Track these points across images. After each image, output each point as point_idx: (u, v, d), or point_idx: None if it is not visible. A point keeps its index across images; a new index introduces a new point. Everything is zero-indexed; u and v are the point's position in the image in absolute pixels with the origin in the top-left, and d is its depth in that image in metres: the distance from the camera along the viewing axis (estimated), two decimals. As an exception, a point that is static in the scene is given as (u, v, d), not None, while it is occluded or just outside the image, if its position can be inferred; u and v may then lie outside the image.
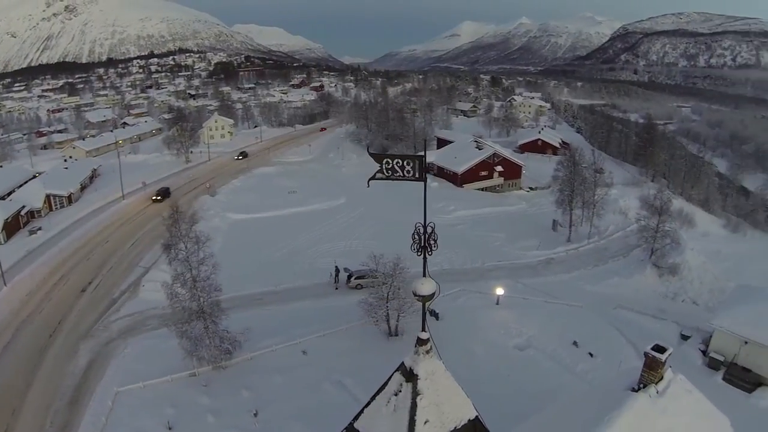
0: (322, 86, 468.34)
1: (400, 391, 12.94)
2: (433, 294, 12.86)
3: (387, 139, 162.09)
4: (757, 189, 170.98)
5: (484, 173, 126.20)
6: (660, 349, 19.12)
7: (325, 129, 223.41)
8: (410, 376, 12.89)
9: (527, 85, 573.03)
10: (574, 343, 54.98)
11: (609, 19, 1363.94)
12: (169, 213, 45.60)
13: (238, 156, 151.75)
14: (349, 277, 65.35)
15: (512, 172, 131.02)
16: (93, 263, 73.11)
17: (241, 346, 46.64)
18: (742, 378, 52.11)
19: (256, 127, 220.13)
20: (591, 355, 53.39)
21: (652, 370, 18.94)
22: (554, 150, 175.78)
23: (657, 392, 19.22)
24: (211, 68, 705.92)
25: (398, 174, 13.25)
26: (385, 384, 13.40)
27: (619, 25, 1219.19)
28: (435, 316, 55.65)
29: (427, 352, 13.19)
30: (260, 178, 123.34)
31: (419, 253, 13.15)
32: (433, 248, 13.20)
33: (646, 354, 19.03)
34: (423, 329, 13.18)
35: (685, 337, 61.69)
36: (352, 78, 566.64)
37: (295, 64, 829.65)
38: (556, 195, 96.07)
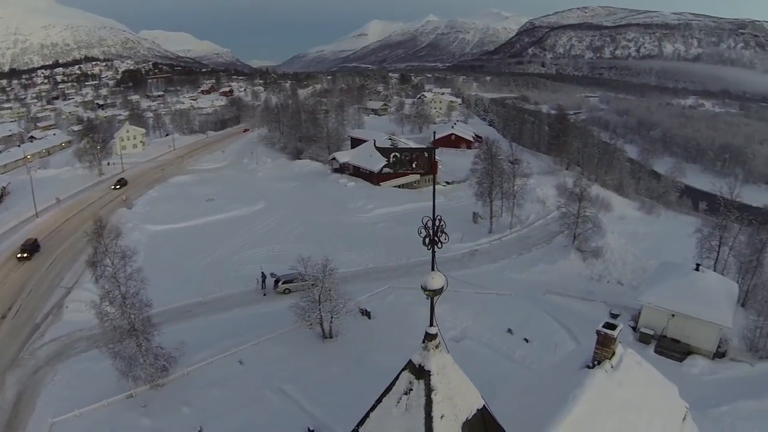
0: (231, 91, 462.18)
1: (411, 390, 12.74)
2: (442, 288, 12.90)
3: (301, 141, 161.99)
4: (667, 172, 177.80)
5: (400, 170, 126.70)
6: (611, 326, 19.92)
7: (248, 130, 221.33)
8: (421, 372, 12.70)
9: (436, 81, 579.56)
10: (509, 330, 56.53)
11: (516, 14, 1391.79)
12: (92, 228, 44.07)
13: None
14: (277, 282, 64.53)
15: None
16: (10, 288, 69.46)
17: (177, 361, 45.32)
18: (672, 349, 55.95)
19: (167, 135, 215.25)
20: (526, 340, 55.20)
21: (605, 346, 19.72)
22: (468, 144, 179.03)
23: (612, 367, 20.01)
24: (118, 76, 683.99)
25: (407, 168, 12.92)
26: (392, 385, 13.20)
27: (526, 20, 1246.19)
28: (367, 315, 56.19)
29: (436, 346, 12.96)
30: (177, 188, 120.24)
31: (429, 247, 13.13)
32: (442, 241, 12.98)
33: (598, 332, 19.80)
34: (431, 324, 13.11)
35: (614, 316, 64.16)
36: (261, 82, 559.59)
37: (203, 70, 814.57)
38: (475, 187, 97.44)
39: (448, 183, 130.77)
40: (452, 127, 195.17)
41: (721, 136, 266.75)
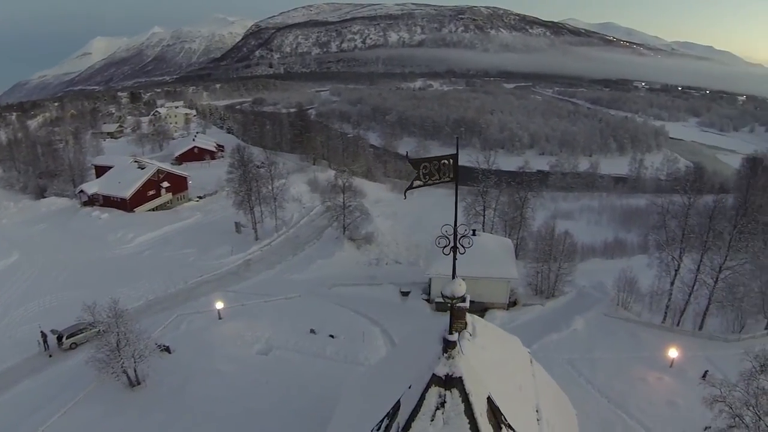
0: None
1: (445, 402, 12.79)
2: (464, 296, 13.09)
3: (41, 178, 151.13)
4: (411, 152, 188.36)
5: (151, 192, 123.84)
6: (461, 300, 21.60)
7: None
8: (451, 382, 12.74)
9: (167, 95, 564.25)
10: (312, 330, 58.08)
11: (241, 18, 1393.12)
12: None
13: None
14: (60, 338, 57.78)
15: (178, 185, 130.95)
16: None
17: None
18: (470, 310, 61.24)
19: None
20: (332, 336, 57.06)
21: (459, 318, 21.17)
22: (212, 155, 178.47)
23: (470, 334, 21.72)
24: None
25: (435, 177, 13.03)
26: (419, 405, 13.08)
27: (252, 23, 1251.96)
28: (167, 350, 54.09)
29: (458, 352, 13.12)
30: None
31: (454, 255, 13.22)
32: (465, 246, 13.12)
33: (451, 306, 21.35)
34: (450, 332, 13.27)
35: (405, 293, 68.73)
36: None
37: None
38: (233, 197, 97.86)
39: (200, 197, 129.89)
40: (193, 139, 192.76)
41: (453, 112, 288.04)
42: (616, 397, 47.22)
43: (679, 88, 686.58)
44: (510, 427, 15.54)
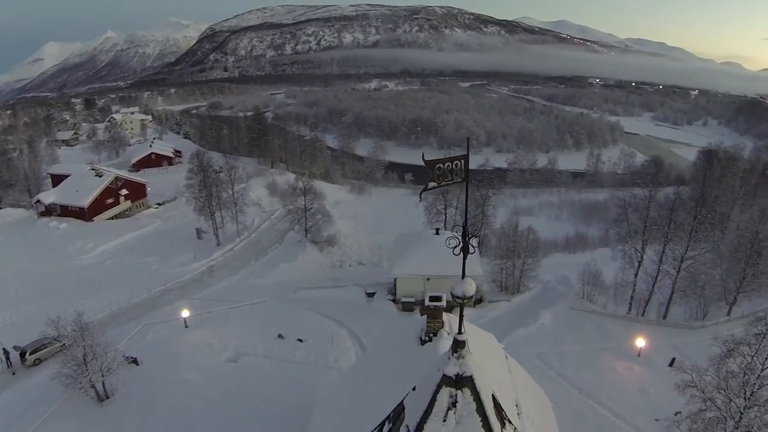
0: None
1: (457, 402, 12.59)
2: (473, 295, 13.02)
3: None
4: (369, 153, 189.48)
5: (110, 201, 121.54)
6: (436, 299, 21.50)
7: None
8: (462, 381, 12.51)
9: (122, 101, 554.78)
10: (280, 335, 57.38)
11: (196, 21, 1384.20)
12: None
13: None
14: (23, 354, 55.68)
15: (137, 192, 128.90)
16: None
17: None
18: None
19: None
20: (300, 340, 56.46)
21: (436, 318, 21.09)
22: (170, 161, 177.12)
23: (448, 333, 21.65)
24: None
25: (448, 178, 13.09)
26: (430, 407, 12.90)
27: (206, 27, 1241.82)
28: (134, 362, 52.70)
29: (467, 351, 13.03)
30: None
31: (464, 255, 13.16)
32: (475, 246, 13.09)
33: (427, 307, 21.17)
34: (459, 331, 13.15)
35: (371, 295, 68.52)
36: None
37: None
38: (194, 203, 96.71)
39: (159, 204, 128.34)
40: (150, 145, 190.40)
41: (409, 112, 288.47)
42: (587, 389, 48.04)
43: (633, 84, 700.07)
44: (511, 422, 15.52)
